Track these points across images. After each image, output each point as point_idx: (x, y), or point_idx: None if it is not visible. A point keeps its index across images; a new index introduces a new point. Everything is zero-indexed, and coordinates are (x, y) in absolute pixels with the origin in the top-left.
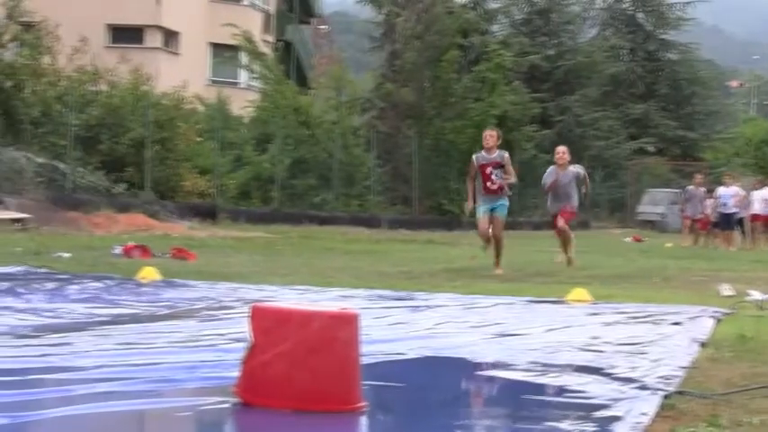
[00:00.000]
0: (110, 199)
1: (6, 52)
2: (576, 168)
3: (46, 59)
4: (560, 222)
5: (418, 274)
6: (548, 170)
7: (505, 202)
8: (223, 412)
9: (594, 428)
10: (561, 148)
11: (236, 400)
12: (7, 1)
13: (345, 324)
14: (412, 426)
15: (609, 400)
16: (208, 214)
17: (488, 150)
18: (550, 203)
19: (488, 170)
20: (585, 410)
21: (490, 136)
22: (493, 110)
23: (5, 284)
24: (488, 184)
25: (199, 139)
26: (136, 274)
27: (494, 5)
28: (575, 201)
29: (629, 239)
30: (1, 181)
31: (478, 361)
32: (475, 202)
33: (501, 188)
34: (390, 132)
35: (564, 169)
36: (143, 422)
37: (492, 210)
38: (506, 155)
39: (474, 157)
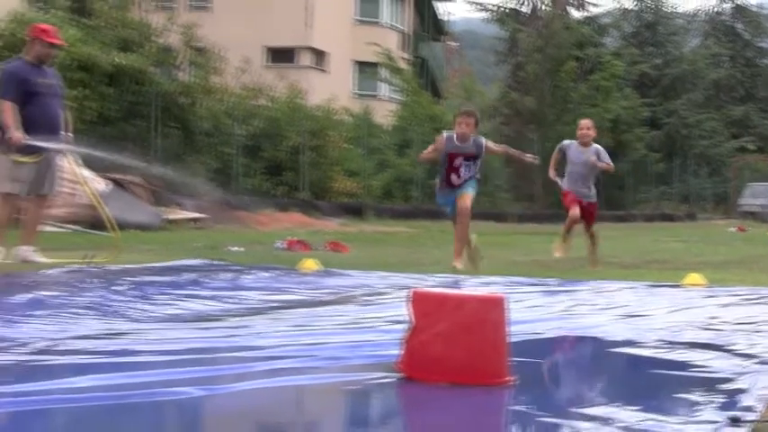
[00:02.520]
0: (271, 199)
1: (182, 73)
2: (598, 149)
3: (215, 78)
4: (590, 230)
5: (547, 262)
6: (565, 143)
7: (473, 182)
8: (388, 386)
9: (723, 399)
10: (585, 122)
11: (398, 375)
12: (184, 29)
13: (494, 306)
14: (554, 398)
15: (733, 374)
16: (356, 212)
17: (462, 139)
18: (567, 182)
19: (457, 162)
20: (712, 383)
21: (467, 124)
22: (607, 114)
23: (191, 275)
24: (452, 177)
25: (347, 146)
26: (298, 264)
27: (606, 20)
28: (593, 188)
29: (733, 229)
30: (180, 186)
31: (609, 339)
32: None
33: (467, 180)
34: (515, 136)
35: (587, 147)
36: (318, 395)
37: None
38: (484, 142)
39: (444, 136)
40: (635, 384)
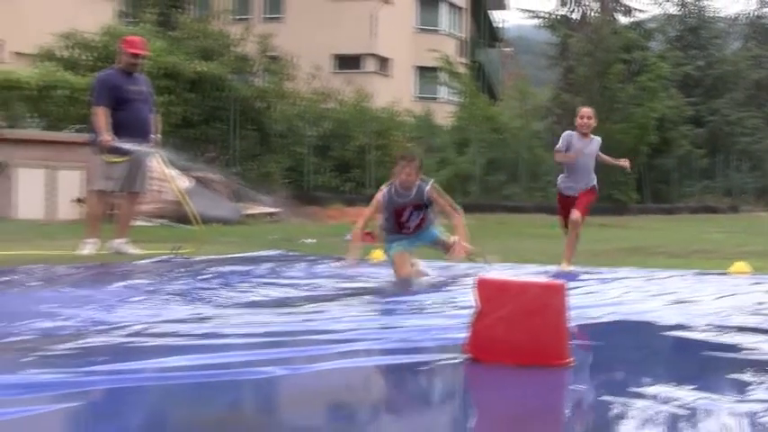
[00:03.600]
0: (340, 195)
1: (257, 79)
2: (599, 141)
3: (288, 84)
4: (575, 215)
5: (599, 252)
6: (564, 135)
7: (432, 230)
8: (456, 366)
9: None
10: (587, 111)
11: (465, 356)
12: (259, 39)
13: (556, 293)
14: (612, 377)
15: None
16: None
17: (406, 188)
18: (565, 181)
19: (405, 215)
20: (762, 365)
21: (408, 172)
22: (653, 113)
23: (268, 265)
24: (403, 230)
25: (410, 145)
26: (367, 255)
27: (651, 25)
28: (594, 179)
29: None
30: (257, 183)
31: (661, 324)
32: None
33: (421, 224)
34: None
35: (587, 138)
36: (391, 374)
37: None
38: (429, 189)
39: (381, 196)
40: (688, 366)
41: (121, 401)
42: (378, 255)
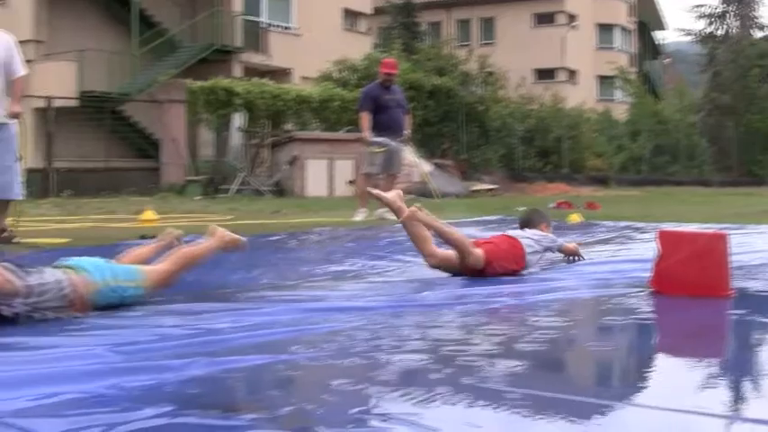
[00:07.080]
0: (543, 174)
1: (478, 89)
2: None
3: (501, 92)
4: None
5: (745, 214)
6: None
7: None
8: (643, 297)
9: None
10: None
11: (650, 289)
12: (478, 59)
13: (720, 240)
14: (764, 304)
15: None
16: (602, 181)
17: None
18: None
19: None
20: None
21: None
22: None
23: (492, 227)
24: None
25: (594, 135)
26: (566, 218)
27: None
28: None
29: None
30: (480, 167)
31: None
32: None
33: None
34: (716, 124)
35: None
36: (594, 303)
37: None
38: None
39: None
40: None
41: (378, 322)
42: (574, 217)
